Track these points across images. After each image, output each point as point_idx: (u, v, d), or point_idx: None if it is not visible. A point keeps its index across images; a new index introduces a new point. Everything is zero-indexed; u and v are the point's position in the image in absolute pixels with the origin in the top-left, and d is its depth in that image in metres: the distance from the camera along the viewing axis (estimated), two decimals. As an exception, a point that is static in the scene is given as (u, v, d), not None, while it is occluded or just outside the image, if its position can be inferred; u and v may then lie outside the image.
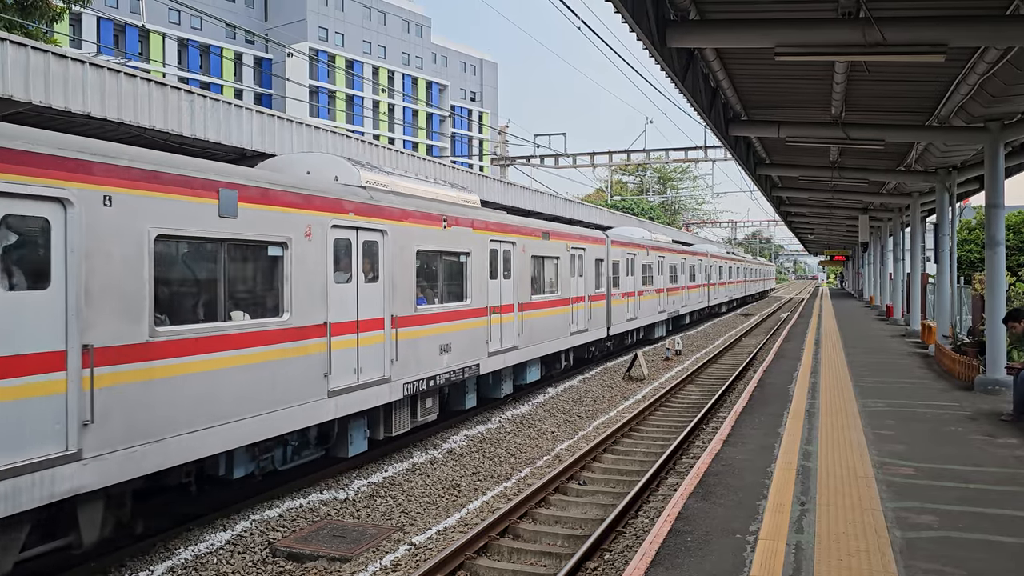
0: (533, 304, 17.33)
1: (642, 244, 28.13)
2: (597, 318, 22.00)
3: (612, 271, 23.65)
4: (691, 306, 37.61)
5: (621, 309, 24.55)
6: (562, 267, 19.21)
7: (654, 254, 29.73)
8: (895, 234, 33.52)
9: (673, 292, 33.01)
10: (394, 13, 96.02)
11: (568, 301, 19.57)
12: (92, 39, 64.65)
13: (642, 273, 27.47)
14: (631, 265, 26.07)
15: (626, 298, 25.21)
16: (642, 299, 27.36)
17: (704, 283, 41.39)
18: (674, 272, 33.34)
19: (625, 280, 25.19)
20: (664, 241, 33.91)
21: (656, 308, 29.96)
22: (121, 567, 8.19)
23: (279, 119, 16.33)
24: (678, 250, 34.87)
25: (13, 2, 19.66)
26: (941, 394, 13.49)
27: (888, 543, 6.21)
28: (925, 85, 13.32)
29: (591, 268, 21.57)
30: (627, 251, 25.82)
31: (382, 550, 8.74)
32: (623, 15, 8.98)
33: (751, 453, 9.31)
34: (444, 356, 13.37)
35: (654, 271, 29.44)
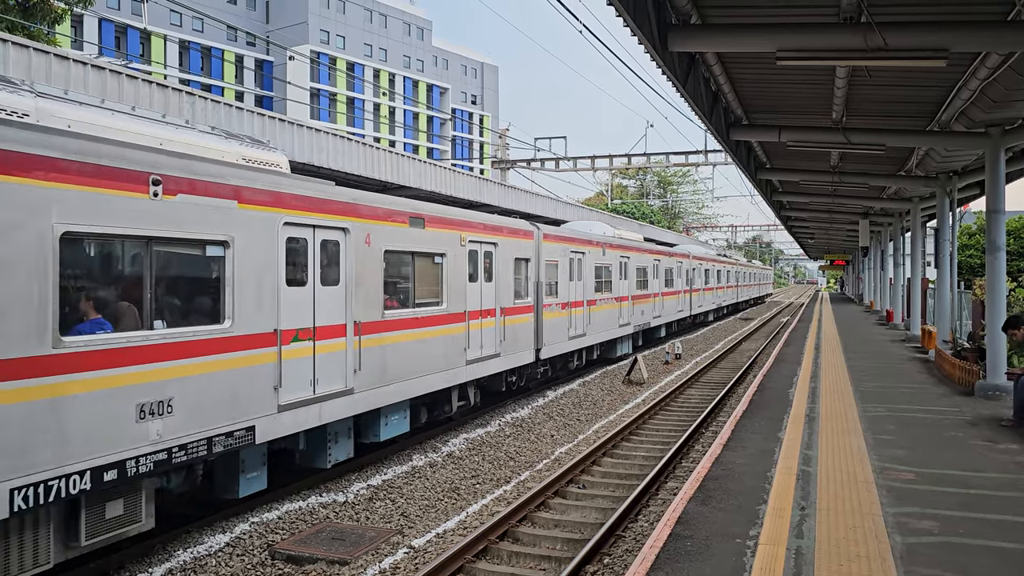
0: (387, 323, 11.75)
1: (595, 241, 22.39)
2: (518, 338, 16.72)
3: (545, 274, 18.30)
4: (667, 316, 31.91)
5: (560, 324, 19.19)
6: (451, 268, 13.79)
7: (614, 254, 24.06)
8: (895, 239, 33.52)
9: (642, 300, 27.48)
10: (395, 16, 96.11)
11: (462, 316, 14.22)
12: (94, 41, 64.70)
13: (596, 277, 22.20)
14: (577, 267, 20.70)
15: (569, 309, 19.87)
16: (595, 310, 21.94)
17: (684, 289, 35.77)
18: (644, 276, 27.96)
19: (568, 286, 19.83)
20: (631, 239, 28.22)
21: (616, 320, 24.31)
22: (120, 568, 8.17)
23: (280, 121, 16.34)
24: (650, 250, 29.46)
25: (15, 3, 19.69)
26: (941, 399, 13.47)
27: (888, 548, 6.19)
28: (926, 90, 13.33)
29: (507, 270, 16.21)
30: (570, 249, 20.21)
31: (381, 553, 8.73)
32: (625, 19, 8.99)
33: (751, 457, 9.30)
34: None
35: (614, 275, 23.94)
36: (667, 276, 31.85)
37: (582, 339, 21.00)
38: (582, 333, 20.93)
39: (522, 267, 17.22)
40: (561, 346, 19.39)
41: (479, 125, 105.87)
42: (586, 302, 21.21)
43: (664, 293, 31.21)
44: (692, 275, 37.46)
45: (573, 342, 20.33)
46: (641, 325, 27.45)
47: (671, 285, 32.72)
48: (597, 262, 22.32)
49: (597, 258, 22.34)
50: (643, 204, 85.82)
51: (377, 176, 19.83)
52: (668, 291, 32.06)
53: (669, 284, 32.26)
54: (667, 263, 32.02)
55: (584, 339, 21.19)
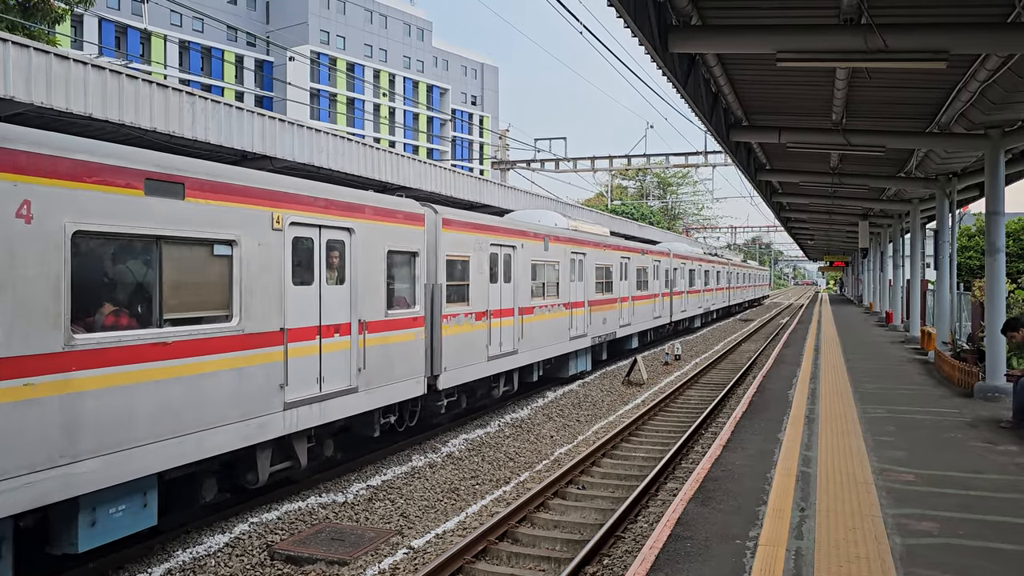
0: (105, 354, 7.36)
1: (532, 232, 17.84)
2: (392, 363, 12.03)
3: (446, 274, 13.82)
4: (640, 324, 27.47)
5: (472, 340, 14.65)
6: (251, 266, 9.18)
7: (562, 249, 19.57)
8: (895, 240, 33.54)
9: (603, 306, 22.90)
10: (395, 17, 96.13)
11: (273, 338, 9.49)
12: (94, 40, 64.70)
13: (534, 278, 17.85)
14: (504, 265, 16.30)
15: (488, 320, 15.36)
16: (532, 320, 17.57)
17: (664, 292, 31.24)
18: (607, 277, 23.51)
19: (486, 290, 15.32)
20: (591, 232, 23.20)
21: (565, 332, 19.78)
22: (119, 569, 8.17)
23: (280, 122, 16.34)
24: (616, 246, 24.77)
25: (15, 3, 19.69)
26: (941, 400, 13.47)
27: (888, 550, 6.19)
28: (926, 92, 13.33)
29: (372, 267, 11.58)
30: (490, 241, 15.53)
31: (380, 553, 8.73)
32: (625, 20, 8.99)
33: (751, 458, 9.30)
34: None
35: (563, 275, 19.56)
36: (640, 277, 27.51)
37: (511, 358, 16.35)
38: (511, 350, 16.33)
39: (403, 264, 12.61)
40: (475, 369, 14.76)
41: (479, 126, 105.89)
42: (518, 310, 16.74)
43: (636, 297, 26.80)
44: (673, 276, 33.07)
45: (496, 363, 15.61)
46: (603, 336, 22.85)
47: (645, 288, 28.23)
48: (536, 258, 17.83)
49: (535, 254, 17.80)
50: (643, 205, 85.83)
51: (378, 177, 19.78)
52: (641, 295, 27.59)
53: (643, 287, 27.87)
54: (639, 262, 27.44)
55: (515, 358, 16.53)
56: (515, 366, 16.74)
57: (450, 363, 13.77)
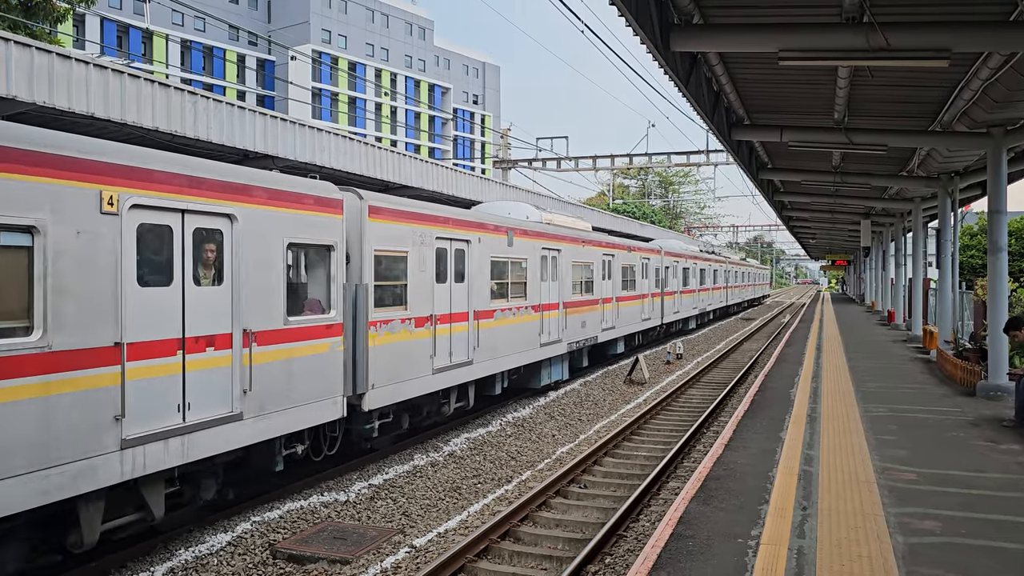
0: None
1: (492, 225, 15.67)
2: (292, 380, 9.74)
3: (372, 273, 11.42)
4: (627, 327, 25.37)
5: (411, 351, 12.41)
6: (65, 263, 7.06)
7: (530, 244, 17.33)
8: (897, 239, 33.52)
9: (582, 308, 20.83)
10: (397, 16, 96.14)
11: (96, 356, 7.30)
12: (96, 40, 64.75)
13: (496, 277, 15.69)
14: (454, 262, 13.97)
15: (433, 327, 13.12)
16: (491, 325, 15.26)
17: (654, 292, 29.19)
18: (587, 276, 21.40)
19: (430, 292, 13.07)
20: (568, 227, 20.83)
21: (535, 338, 17.50)
22: (122, 568, 8.18)
23: (282, 121, 16.35)
24: (598, 242, 22.67)
25: (17, 3, 19.71)
26: (943, 399, 13.47)
27: (890, 549, 6.19)
28: (928, 90, 13.32)
29: (264, 265, 9.38)
30: (436, 234, 13.29)
31: (382, 552, 8.73)
32: (627, 19, 8.99)
33: (753, 457, 9.30)
34: None
35: (531, 274, 17.37)
36: (626, 276, 25.35)
37: (464, 370, 14.17)
38: (464, 361, 14.17)
39: (313, 260, 10.56)
40: (416, 385, 12.58)
41: (481, 125, 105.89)
42: (474, 314, 14.53)
43: (621, 298, 24.64)
44: (665, 275, 30.96)
45: (445, 376, 13.43)
46: (581, 341, 20.74)
47: (631, 288, 26.04)
48: (498, 255, 15.69)
49: (496, 249, 15.62)
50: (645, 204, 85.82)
51: (380, 176, 19.76)
52: (627, 295, 25.39)
53: (629, 286, 25.71)
54: (625, 259, 25.20)
55: (469, 369, 14.37)
56: (470, 378, 14.55)
57: (381, 378, 11.53)
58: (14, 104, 11.25)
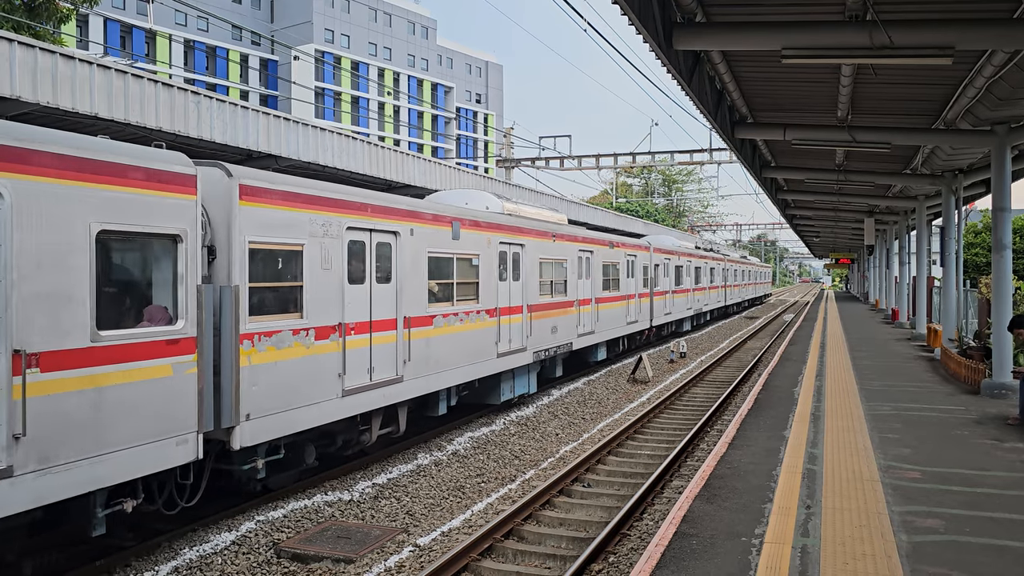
0: None
1: (430, 214, 13.11)
2: (111, 417, 7.31)
3: (254, 273, 9.23)
4: (609, 331, 22.89)
5: (294, 372, 9.74)
6: None
7: (485, 238, 14.88)
8: (901, 237, 33.48)
9: (551, 312, 18.22)
10: (400, 15, 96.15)
11: None
12: (99, 40, 64.86)
13: (436, 278, 13.23)
14: (376, 259, 11.56)
15: (341, 339, 10.62)
16: (423, 335, 12.60)
17: (642, 293, 26.78)
18: (558, 276, 18.81)
19: (338, 295, 10.64)
20: (535, 218, 18.22)
21: (490, 347, 15.08)
22: (126, 567, 8.20)
23: (284, 120, 16.37)
24: (572, 236, 19.90)
25: (21, 3, 19.75)
26: (947, 398, 13.45)
27: (894, 547, 6.19)
28: (932, 88, 13.30)
29: (58, 261, 6.97)
30: (347, 223, 10.86)
31: (386, 551, 8.74)
32: (629, 17, 8.99)
33: (756, 456, 9.29)
34: None
35: (485, 273, 14.90)
36: (608, 275, 22.89)
37: (391, 389, 11.67)
38: (391, 378, 11.66)
39: (147, 254, 8.15)
40: (316, 412, 10.06)
41: (484, 124, 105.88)
42: (404, 322, 12.08)
43: (603, 299, 22.20)
44: (654, 273, 28.59)
45: (360, 398, 10.94)
46: (552, 349, 18.31)
47: (615, 287, 23.54)
48: (439, 250, 13.29)
49: (439, 244, 13.27)
50: (648, 202, 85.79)
51: (383, 175, 19.73)
52: (609, 296, 22.92)
53: (612, 286, 23.23)
54: (606, 256, 22.70)
55: (398, 388, 11.88)
56: (400, 399, 12.01)
57: (261, 406, 9.08)
58: (18, 104, 11.28)
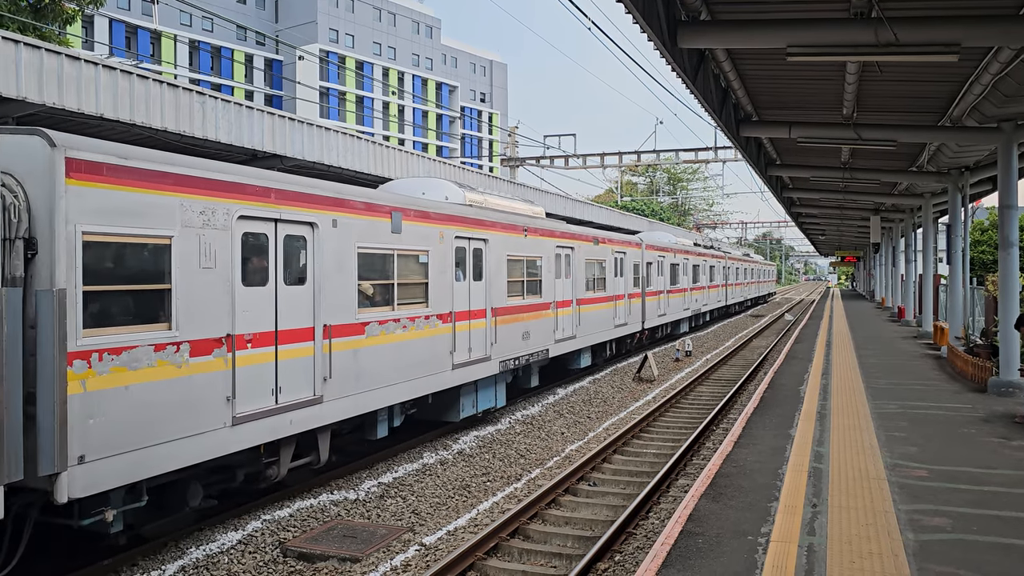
0: None
1: (351, 201, 10.85)
2: None
3: (96, 273, 7.19)
4: (590, 335, 20.64)
5: (153, 399, 7.62)
6: None
7: (430, 232, 12.77)
8: (907, 235, 33.37)
9: (521, 316, 16.13)
10: (404, 14, 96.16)
11: None
12: (104, 41, 65.01)
13: (369, 277, 11.17)
14: (284, 255, 9.55)
15: (221, 353, 8.48)
16: (349, 346, 10.58)
17: (628, 293, 24.36)
18: (530, 274, 16.77)
19: (215, 300, 8.45)
20: (503, 212, 15.88)
21: (441, 356, 13.04)
22: (133, 566, 8.23)
23: (289, 120, 16.38)
24: (549, 231, 17.95)
25: (27, 4, 19.80)
26: (954, 396, 13.41)
27: (901, 545, 6.17)
28: (938, 85, 13.26)
29: None
30: (236, 211, 8.72)
31: (392, 550, 8.75)
32: (634, 15, 8.97)
33: (762, 455, 9.28)
34: None
35: (436, 272, 12.93)
36: (592, 273, 20.84)
37: (301, 414, 9.56)
38: (307, 398, 9.65)
39: None
40: (197, 446, 8.11)
41: (488, 123, 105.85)
42: (324, 331, 10.02)
43: (585, 300, 20.12)
44: (647, 272, 26.47)
45: (260, 426, 8.88)
46: (526, 357, 16.34)
47: (600, 287, 21.50)
48: (374, 245, 11.30)
49: (374, 238, 11.26)
50: (653, 201, 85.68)
51: (388, 175, 19.64)
52: (593, 297, 20.83)
53: (596, 286, 21.19)
54: (589, 253, 20.66)
55: (313, 412, 9.78)
56: (318, 423, 10.00)
57: (106, 443, 7.12)
58: (24, 105, 11.30)
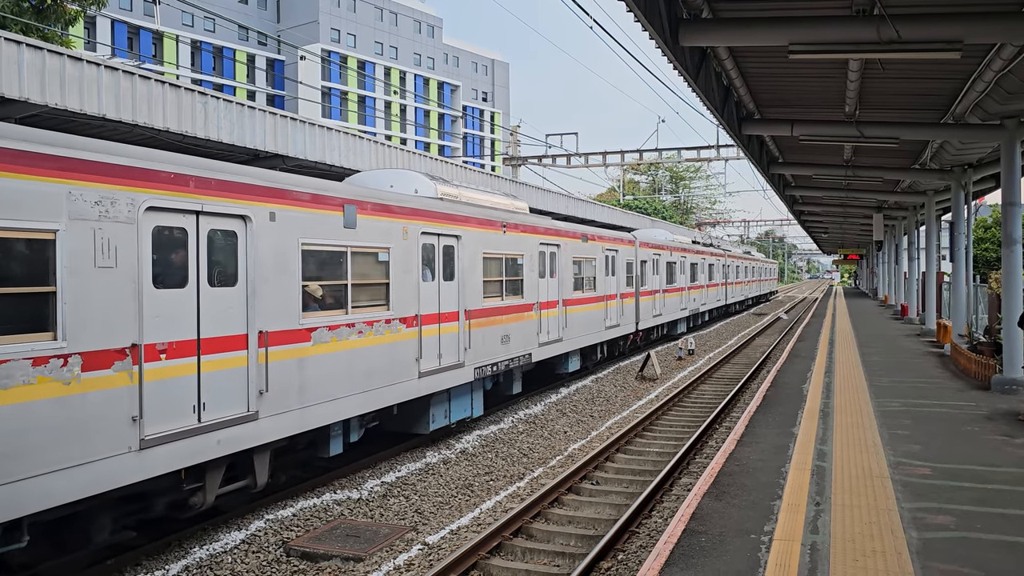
0: None
1: (289, 192, 9.45)
2: None
3: None
4: (578, 338, 19.49)
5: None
6: None
7: (390, 227, 11.51)
8: (910, 232, 33.30)
9: (499, 318, 14.97)
10: (405, 14, 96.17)
11: None
12: (107, 42, 65.07)
13: (312, 277, 9.91)
14: (226, 255, 8.57)
15: (125, 366, 7.18)
16: (290, 354, 9.32)
17: (620, 292, 23.14)
18: (510, 274, 15.60)
19: (113, 306, 7.13)
20: (478, 206, 14.73)
21: (405, 363, 11.84)
22: (137, 566, 8.24)
23: (291, 120, 16.39)
24: (532, 228, 16.72)
25: (29, 6, 19.83)
26: (957, 394, 13.38)
27: (905, 543, 6.16)
28: (940, 82, 13.23)
29: None
30: (142, 202, 7.38)
31: (395, 550, 8.76)
32: (635, 14, 8.96)
33: (765, 453, 9.27)
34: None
35: (396, 272, 11.66)
36: (579, 272, 19.75)
37: (232, 432, 8.42)
38: (237, 415, 8.50)
39: None
40: (66, 483, 6.65)
41: (490, 122, 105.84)
42: (259, 338, 8.85)
43: (572, 301, 18.99)
44: (640, 270, 25.47)
45: (165, 451, 7.61)
46: (506, 362, 15.25)
47: (589, 287, 20.45)
48: (320, 242, 10.03)
49: (319, 233, 10.01)
50: (655, 200, 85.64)
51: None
52: (581, 297, 19.71)
53: (584, 286, 20.10)
54: (576, 251, 19.50)
55: (244, 431, 8.59)
56: (254, 443, 8.79)
57: None
58: (26, 106, 11.32)
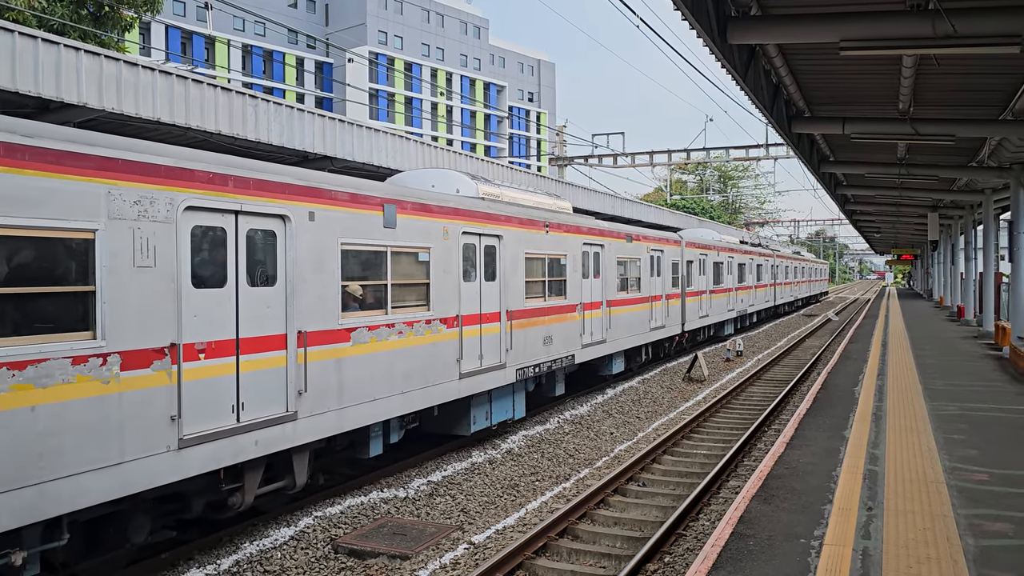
0: None
1: (326, 191, 9.30)
2: None
3: None
4: (621, 339, 19.24)
5: None
6: None
7: (427, 227, 11.39)
8: (967, 232, 32.50)
9: (541, 319, 14.83)
10: (452, 15, 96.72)
11: None
12: (161, 47, 66.64)
13: (349, 278, 9.76)
14: (260, 253, 8.45)
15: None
16: (328, 354, 9.25)
17: (666, 293, 23.02)
18: (552, 274, 15.42)
19: (154, 307, 7.07)
20: (520, 206, 14.53)
21: (444, 365, 11.76)
22: (189, 560, 8.42)
23: (339, 122, 16.59)
24: (575, 227, 16.66)
25: (87, 13, 20.39)
26: (1016, 398, 13.02)
27: (960, 551, 6.02)
28: (998, 77, 12.89)
29: None
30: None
31: (441, 548, 8.81)
32: (683, 12, 8.89)
33: (815, 456, 9.12)
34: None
35: (436, 270, 11.60)
36: (624, 272, 19.68)
37: (270, 432, 8.35)
38: (276, 415, 8.46)
39: None
40: (104, 483, 6.55)
41: (536, 122, 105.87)
42: (298, 338, 8.80)
43: (616, 302, 18.80)
44: (687, 271, 25.17)
45: (205, 450, 7.52)
46: (548, 364, 15.12)
47: (633, 288, 20.33)
48: (360, 242, 9.96)
49: (359, 233, 9.93)
50: (703, 199, 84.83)
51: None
52: (626, 298, 19.59)
53: (629, 286, 20.03)
54: (621, 251, 19.40)
55: (282, 431, 8.53)
56: (292, 444, 8.72)
57: (1, 474, 5.91)
58: (84, 111, 11.65)
